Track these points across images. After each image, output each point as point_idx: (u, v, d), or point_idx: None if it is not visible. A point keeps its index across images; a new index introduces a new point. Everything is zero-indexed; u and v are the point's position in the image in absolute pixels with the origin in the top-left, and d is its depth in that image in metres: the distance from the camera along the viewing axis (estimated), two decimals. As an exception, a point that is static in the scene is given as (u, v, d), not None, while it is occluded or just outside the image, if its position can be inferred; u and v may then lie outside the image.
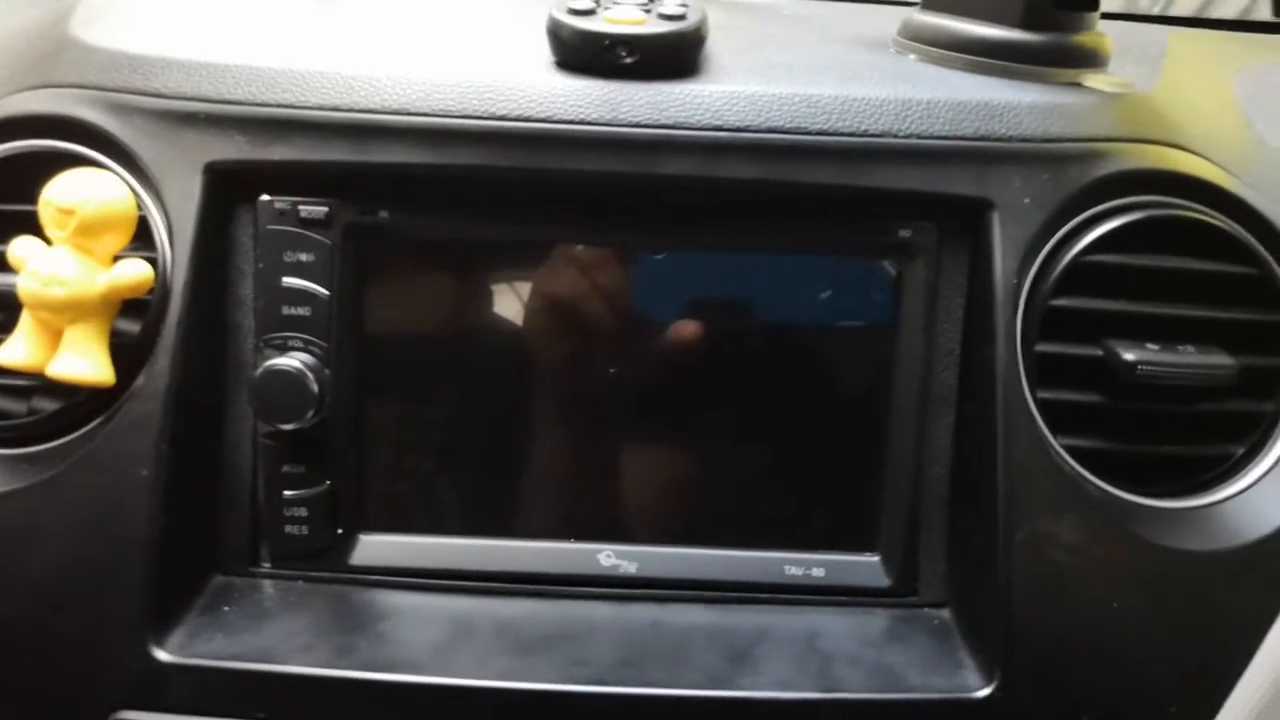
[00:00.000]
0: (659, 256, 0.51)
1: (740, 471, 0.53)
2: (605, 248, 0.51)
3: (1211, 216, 0.50)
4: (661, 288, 0.51)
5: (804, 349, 0.52)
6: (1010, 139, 0.49)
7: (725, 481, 0.53)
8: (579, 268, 0.51)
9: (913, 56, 0.56)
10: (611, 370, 0.51)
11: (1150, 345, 0.48)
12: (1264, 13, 0.90)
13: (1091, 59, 0.54)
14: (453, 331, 0.52)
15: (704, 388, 0.52)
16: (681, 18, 0.49)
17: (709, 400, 0.52)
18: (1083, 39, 0.53)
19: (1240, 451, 0.50)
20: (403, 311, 0.51)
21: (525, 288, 0.51)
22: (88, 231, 0.45)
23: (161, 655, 0.46)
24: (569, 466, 0.53)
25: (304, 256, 0.49)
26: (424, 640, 0.48)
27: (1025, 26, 0.53)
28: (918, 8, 0.58)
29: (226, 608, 0.50)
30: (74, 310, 0.45)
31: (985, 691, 0.47)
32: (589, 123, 0.47)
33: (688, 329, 0.51)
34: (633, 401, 0.52)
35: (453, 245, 0.51)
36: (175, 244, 0.48)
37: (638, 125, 0.47)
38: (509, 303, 0.51)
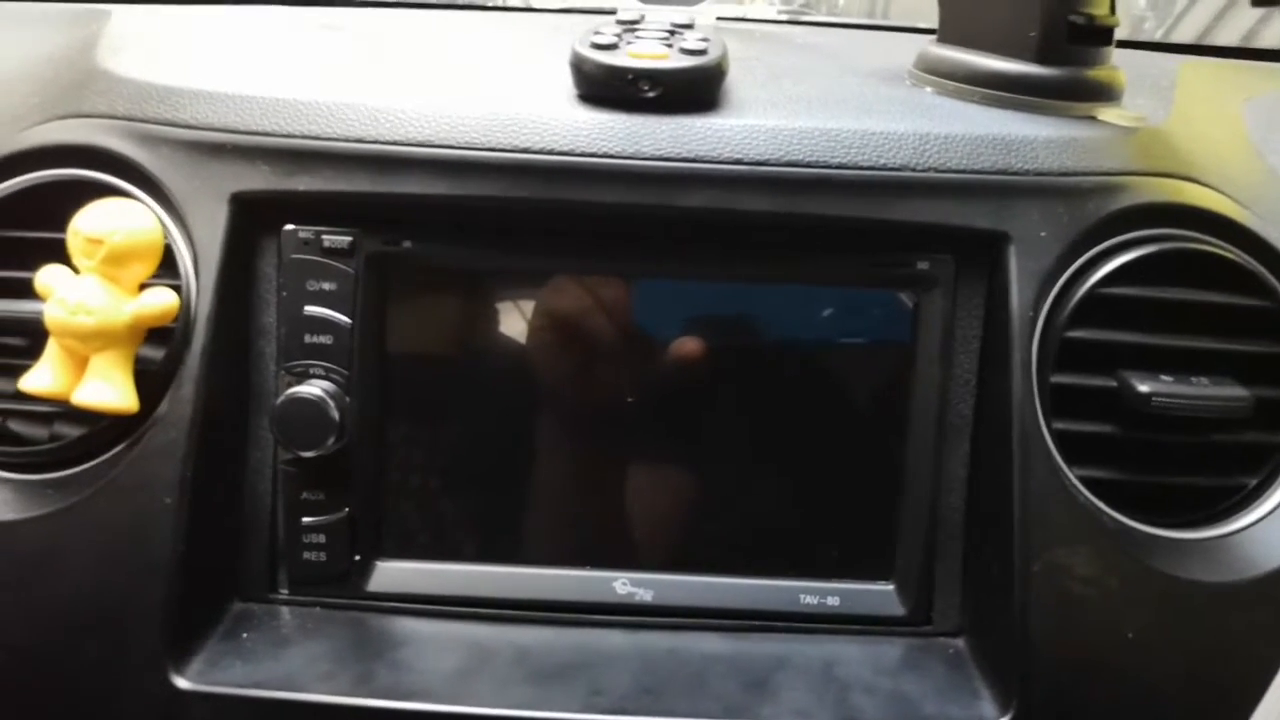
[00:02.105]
0: (676, 287, 0.51)
1: (756, 500, 0.53)
2: (625, 278, 0.51)
3: (1225, 249, 0.50)
4: (678, 317, 0.51)
5: (822, 379, 0.52)
6: (1027, 173, 0.50)
7: (741, 510, 0.53)
8: (597, 297, 0.51)
9: (929, 89, 0.57)
10: (629, 399, 0.52)
11: (1164, 377, 0.48)
12: (1266, 40, 0.91)
13: (1106, 93, 0.54)
14: (473, 361, 0.52)
15: (722, 417, 0.52)
16: (703, 52, 0.50)
17: (726, 429, 0.52)
18: (1097, 73, 0.54)
19: (1254, 483, 0.50)
20: (424, 341, 0.52)
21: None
22: (115, 261, 0.46)
23: (181, 683, 0.47)
24: (586, 495, 0.53)
25: (327, 285, 0.50)
26: (442, 668, 0.49)
27: (1040, 61, 0.53)
28: (933, 40, 0.58)
29: (245, 634, 0.50)
30: (101, 338, 0.46)
31: (1002, 722, 0.47)
32: (611, 156, 0.48)
33: (705, 359, 0.51)
34: (650, 430, 0.52)
35: (475, 275, 0.52)
36: (200, 273, 0.49)
37: (659, 158, 0.48)
38: (530, 332, 0.52)
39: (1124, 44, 0.58)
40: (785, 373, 0.52)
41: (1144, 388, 0.48)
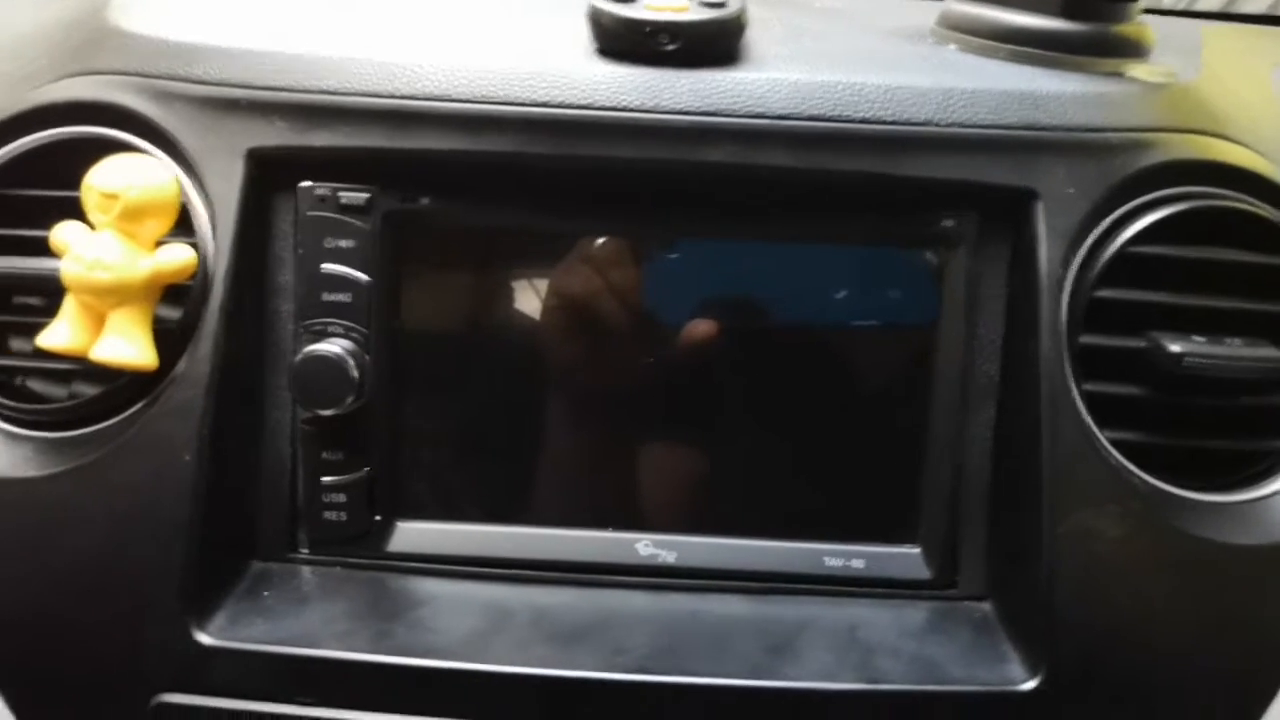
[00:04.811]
0: (698, 251, 0.51)
1: (780, 463, 0.52)
2: (644, 237, 0.50)
3: (1258, 207, 0.49)
4: (701, 278, 0.51)
5: (845, 339, 0.51)
6: (1055, 129, 0.49)
7: (765, 473, 0.52)
8: (620, 259, 0.51)
9: (952, 46, 0.55)
10: (650, 360, 0.51)
11: (1196, 338, 0.47)
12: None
13: (1134, 49, 0.53)
14: (492, 319, 0.51)
15: (745, 379, 0.52)
16: (723, 5, 0.49)
17: (750, 391, 0.52)
18: (1125, 29, 0.53)
19: (1286, 446, 0.50)
20: (442, 298, 0.51)
21: (564, 276, 0.51)
22: (131, 216, 0.45)
23: (203, 639, 0.46)
24: (608, 456, 0.52)
25: (344, 243, 0.49)
26: (462, 627, 0.48)
27: (1066, 16, 0.52)
28: (956, -2, 0.57)
29: (266, 593, 0.50)
30: (118, 294, 0.45)
31: (1030, 684, 0.47)
32: (630, 110, 0.47)
33: (728, 323, 0.51)
34: (673, 393, 0.52)
35: (492, 232, 0.51)
36: (217, 230, 0.48)
37: (679, 112, 0.47)
38: (550, 292, 0.51)
39: (1148, 12, 0.57)
40: (810, 335, 0.51)
41: (1175, 348, 0.47)
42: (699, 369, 0.51)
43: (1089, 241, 0.49)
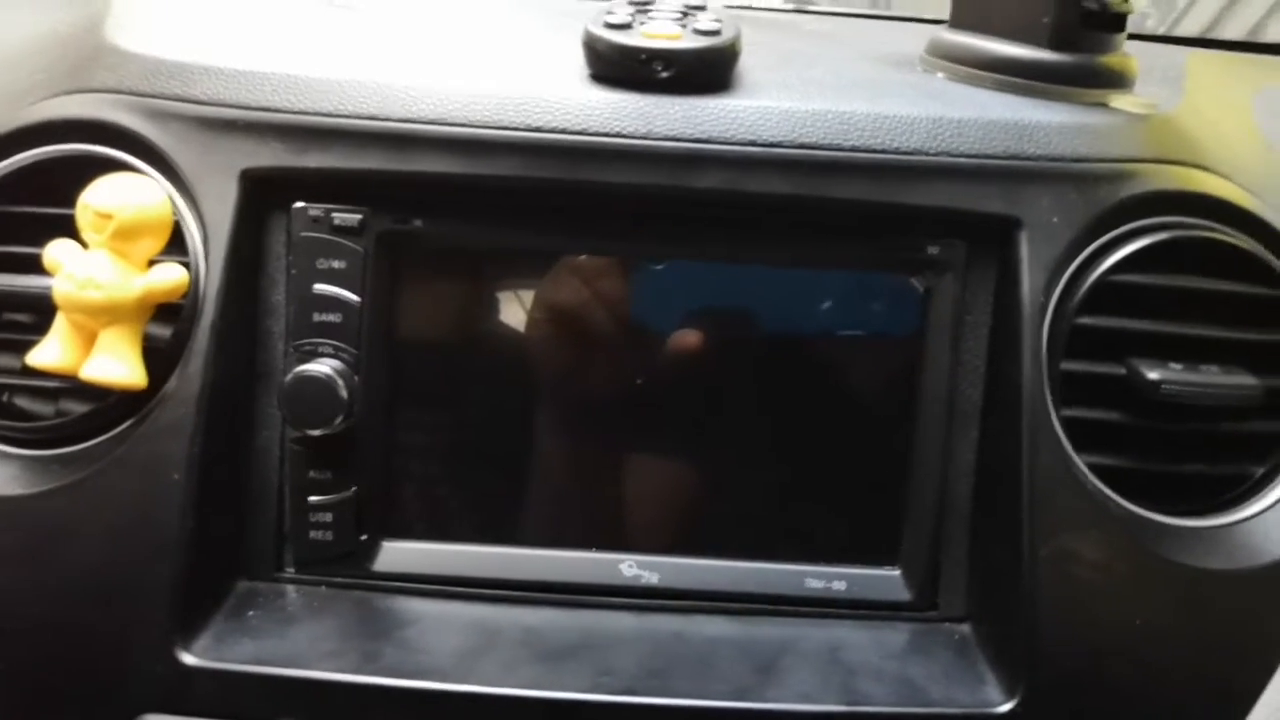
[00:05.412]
0: (686, 271, 0.51)
1: (763, 485, 0.53)
2: (635, 259, 0.51)
3: (1236, 238, 0.50)
4: (687, 303, 0.51)
5: (831, 363, 0.52)
6: (1040, 158, 0.49)
7: (748, 494, 0.53)
8: (608, 281, 0.51)
9: (940, 75, 0.56)
10: (638, 382, 0.52)
11: (1174, 365, 0.48)
12: (1272, 35, 0.91)
13: (1118, 80, 0.54)
14: (482, 341, 0.52)
15: (731, 402, 0.52)
16: (717, 33, 0.49)
17: (734, 413, 0.52)
18: (1110, 60, 0.54)
19: (1261, 471, 0.50)
20: (433, 320, 0.51)
21: (555, 298, 0.51)
22: (125, 235, 0.45)
23: (188, 659, 0.46)
24: (593, 477, 0.53)
25: (336, 264, 0.50)
26: (449, 647, 0.48)
27: (1053, 47, 0.53)
28: (945, 26, 0.58)
29: (251, 612, 0.50)
30: (110, 313, 0.45)
31: (1007, 706, 0.47)
32: (624, 136, 0.48)
33: (715, 344, 0.51)
34: (658, 414, 0.52)
35: (485, 255, 0.51)
36: (209, 250, 0.48)
37: (672, 139, 0.48)
38: (540, 314, 0.51)
39: (1130, 38, 0.58)
40: (796, 358, 0.52)
41: (1153, 375, 0.48)
42: (687, 390, 0.52)
43: (1071, 269, 0.50)
